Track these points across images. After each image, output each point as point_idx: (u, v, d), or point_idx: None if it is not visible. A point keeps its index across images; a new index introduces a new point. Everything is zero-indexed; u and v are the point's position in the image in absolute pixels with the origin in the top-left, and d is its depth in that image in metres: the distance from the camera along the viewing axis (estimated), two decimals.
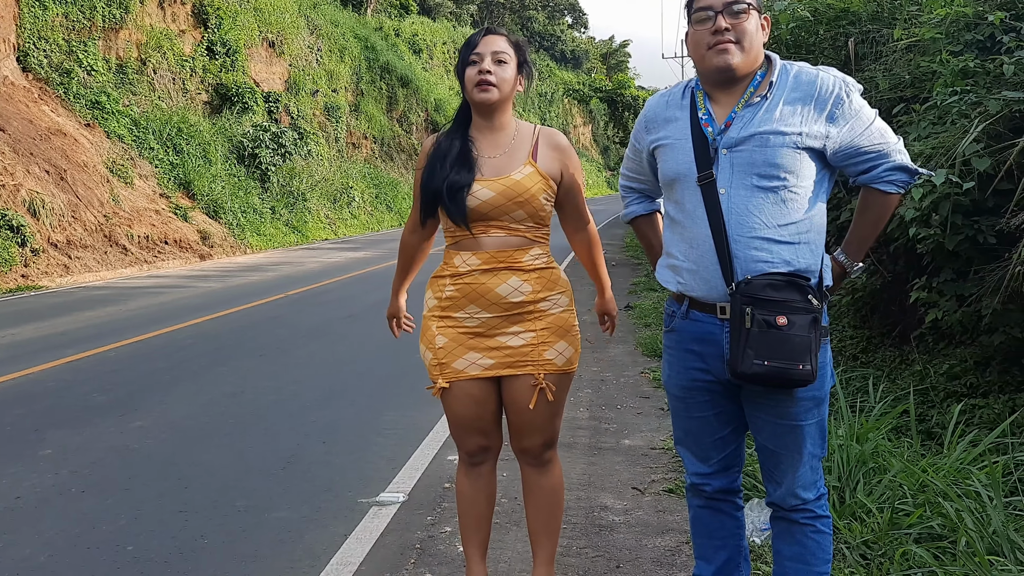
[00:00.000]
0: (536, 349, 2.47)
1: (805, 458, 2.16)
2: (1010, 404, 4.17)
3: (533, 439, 2.56)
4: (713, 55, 2.07)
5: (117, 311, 9.83)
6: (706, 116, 2.12)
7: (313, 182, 24.19)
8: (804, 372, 2.00)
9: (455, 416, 2.56)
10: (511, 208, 2.41)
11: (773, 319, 2.00)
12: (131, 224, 15.82)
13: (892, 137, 2.09)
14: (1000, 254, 4.11)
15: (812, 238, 2.09)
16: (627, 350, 7.33)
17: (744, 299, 2.03)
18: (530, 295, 2.46)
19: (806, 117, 2.05)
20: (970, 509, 2.87)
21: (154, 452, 4.52)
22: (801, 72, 2.10)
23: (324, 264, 15.74)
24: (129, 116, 18.04)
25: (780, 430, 2.15)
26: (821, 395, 2.15)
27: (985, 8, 4.82)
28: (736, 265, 2.06)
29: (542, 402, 2.49)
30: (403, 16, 43.04)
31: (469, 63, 2.42)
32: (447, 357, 2.49)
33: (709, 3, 2.07)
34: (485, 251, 2.44)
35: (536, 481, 2.63)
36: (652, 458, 4.36)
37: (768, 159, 2.04)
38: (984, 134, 4.09)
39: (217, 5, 21.99)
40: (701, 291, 2.14)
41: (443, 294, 2.50)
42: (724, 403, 2.22)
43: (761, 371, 2.00)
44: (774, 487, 2.23)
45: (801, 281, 2.04)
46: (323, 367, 6.71)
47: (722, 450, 2.27)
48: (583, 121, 67.38)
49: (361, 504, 3.73)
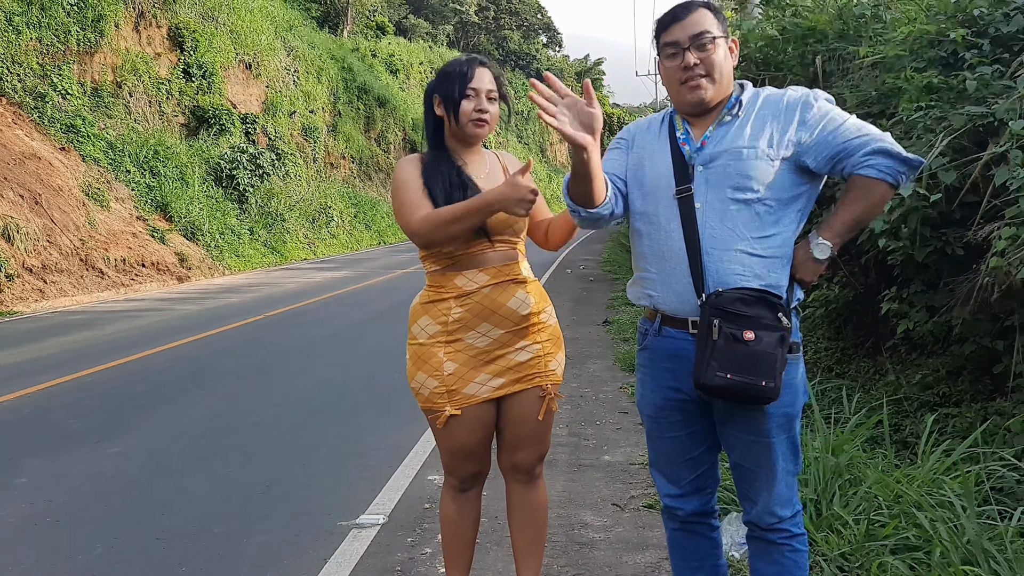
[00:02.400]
0: (542, 360, 2.53)
1: (779, 475, 2.16)
2: (982, 413, 4.23)
3: (529, 453, 2.59)
4: (686, 91, 2.12)
5: (93, 335, 9.73)
6: (684, 136, 2.18)
7: (291, 202, 24.14)
8: (767, 389, 2.01)
9: (458, 443, 2.52)
10: (512, 221, 2.48)
11: (740, 333, 2.00)
12: (107, 247, 15.69)
13: (873, 130, 2.07)
14: (968, 265, 4.19)
15: (786, 252, 2.10)
16: (605, 365, 7.36)
17: (713, 311, 2.04)
18: (534, 307, 2.52)
19: (776, 128, 2.09)
20: (944, 519, 2.90)
21: (131, 479, 4.48)
22: (770, 93, 2.17)
23: (303, 284, 15.68)
24: (105, 139, 17.93)
25: (752, 447, 2.16)
26: (792, 412, 2.16)
27: (947, 26, 4.92)
28: (708, 277, 2.08)
29: (546, 414, 2.55)
30: (379, 37, 43.20)
31: (465, 96, 2.45)
32: (457, 383, 2.46)
33: (675, 38, 2.11)
34: (492, 266, 2.47)
35: (525, 499, 2.65)
36: (631, 474, 4.38)
37: (740, 171, 2.07)
38: (949, 148, 4.17)
39: (193, 28, 21.97)
40: (672, 305, 2.15)
41: (449, 317, 2.46)
42: (697, 422, 2.23)
43: (723, 384, 2.01)
44: (750, 505, 2.23)
45: (772, 298, 2.05)
46: (302, 388, 6.68)
47: (694, 470, 2.27)
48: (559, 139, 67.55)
49: (341, 527, 3.72)
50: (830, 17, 6.42)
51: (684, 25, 2.11)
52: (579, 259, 20.07)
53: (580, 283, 14.82)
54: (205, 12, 23.08)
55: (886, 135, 2.06)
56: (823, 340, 6.37)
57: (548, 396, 2.53)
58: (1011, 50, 4.55)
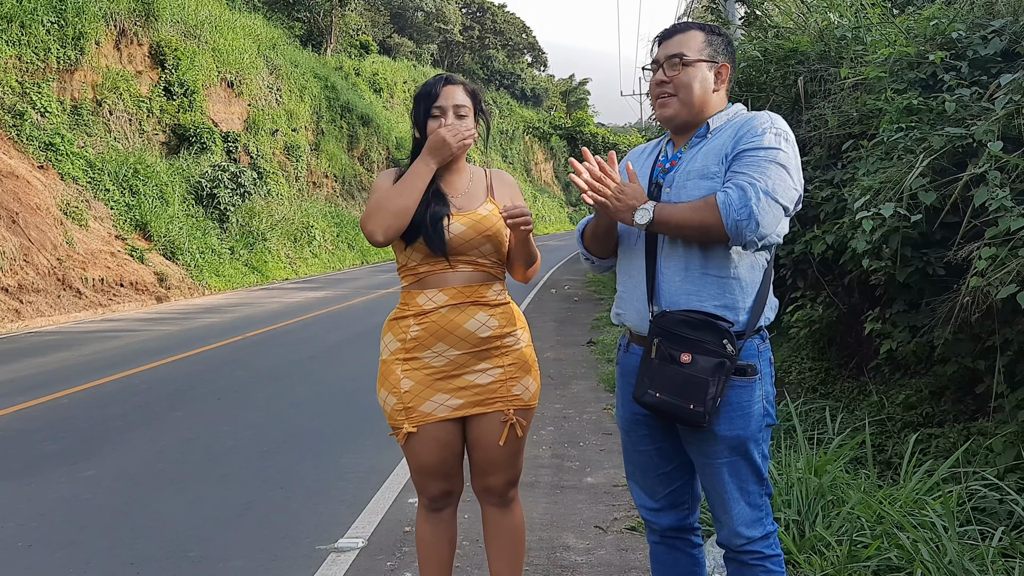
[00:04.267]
0: (504, 385, 2.49)
1: (733, 496, 2.15)
2: (964, 433, 4.23)
3: (498, 477, 2.55)
4: (656, 107, 2.22)
5: (70, 356, 9.60)
6: (664, 159, 2.24)
7: (273, 221, 24.01)
8: (695, 413, 2.02)
9: (420, 462, 2.53)
10: (480, 242, 2.47)
11: (677, 355, 2.04)
12: (85, 267, 15.53)
13: (766, 176, 1.99)
14: (949, 285, 4.20)
15: (742, 274, 2.09)
16: (589, 386, 7.33)
17: (655, 330, 2.09)
18: (497, 330, 2.49)
19: (725, 148, 2.10)
20: (926, 540, 2.89)
21: (105, 502, 4.39)
22: (739, 114, 2.20)
23: (284, 304, 15.57)
24: (84, 158, 17.79)
25: (705, 469, 2.18)
26: (744, 435, 2.11)
27: (926, 48, 4.97)
28: (660, 296, 2.12)
29: (511, 438, 2.50)
30: (363, 56, 43.28)
31: (431, 116, 2.48)
32: (413, 401, 2.47)
33: (657, 56, 2.21)
34: (452, 287, 2.47)
35: (499, 522, 2.62)
36: (614, 496, 4.33)
37: (689, 192, 2.10)
38: (929, 169, 4.19)
39: (175, 46, 21.91)
40: (633, 320, 2.21)
41: (407, 335, 2.48)
42: (664, 439, 2.25)
43: (653, 402, 2.08)
44: (719, 527, 2.23)
45: (722, 323, 2.04)
46: (282, 410, 6.59)
47: (667, 486, 2.29)
48: (544, 158, 68.00)
49: (319, 551, 3.65)
50: (811, 39, 6.48)
51: (668, 44, 2.19)
52: (564, 279, 20.07)
53: (564, 303, 14.80)
54: (187, 30, 23.04)
55: (769, 182, 1.98)
56: (807, 360, 6.37)
57: (509, 421, 2.48)
58: (989, 72, 4.60)
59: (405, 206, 2.41)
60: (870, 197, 4.43)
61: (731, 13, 10.67)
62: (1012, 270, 3.44)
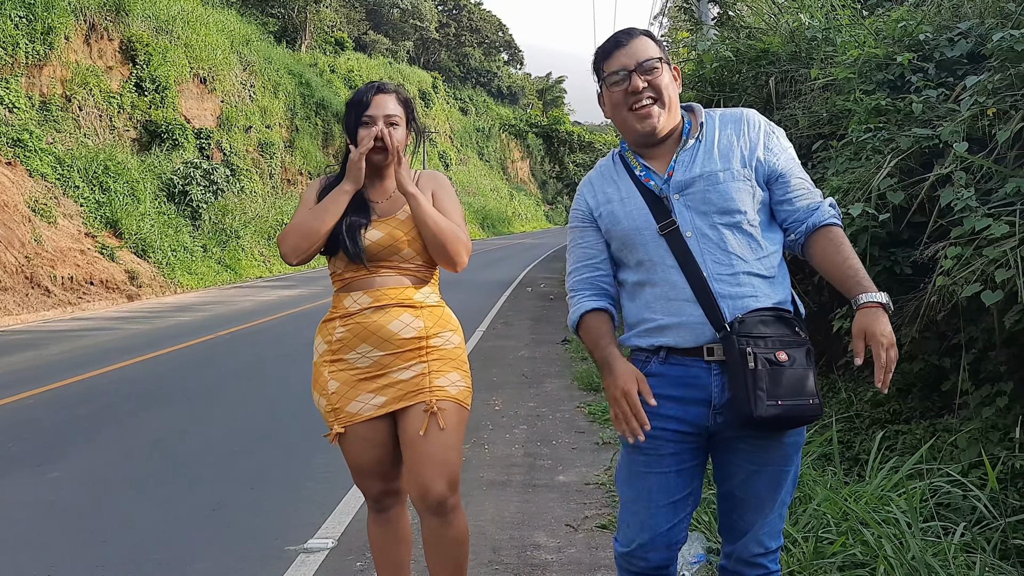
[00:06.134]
0: (427, 378, 2.46)
1: (778, 505, 2.08)
2: (930, 429, 4.29)
3: (432, 477, 2.42)
4: (635, 120, 2.06)
5: (37, 356, 9.45)
6: (644, 172, 2.09)
7: (247, 219, 23.81)
8: (815, 407, 1.95)
9: (354, 462, 2.55)
10: (399, 248, 2.48)
11: (774, 355, 1.92)
12: (54, 265, 15.30)
13: (806, 177, 2.11)
14: (916, 284, 4.25)
15: (782, 270, 2.06)
16: (563, 384, 7.34)
17: (742, 339, 1.93)
18: (421, 331, 2.47)
19: (744, 147, 2.06)
20: (889, 536, 2.92)
21: (71, 505, 4.32)
22: (724, 112, 2.14)
23: (257, 303, 15.44)
24: (53, 154, 17.51)
25: (756, 476, 2.05)
26: (802, 439, 2.09)
27: (894, 50, 5.03)
28: (723, 305, 1.97)
29: (435, 431, 2.43)
30: (338, 53, 43.06)
31: (362, 124, 2.48)
32: (340, 401, 2.48)
33: (622, 64, 2.05)
34: (376, 289, 2.47)
35: (439, 532, 2.48)
36: (586, 494, 4.34)
37: (723, 195, 2.01)
38: (897, 169, 4.25)
39: (146, 41, 21.64)
40: (683, 341, 2.01)
41: (333, 337, 2.50)
42: (689, 458, 2.06)
43: (777, 412, 1.90)
44: (735, 536, 2.11)
45: (785, 314, 1.99)
46: (253, 409, 6.54)
47: (673, 517, 2.06)
48: (521, 156, 68.08)
49: (288, 552, 3.62)
50: (783, 40, 6.53)
51: (628, 51, 2.05)
52: (539, 277, 20.10)
53: (540, 302, 14.82)
54: (159, 25, 22.76)
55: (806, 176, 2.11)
56: None
57: (430, 410, 2.42)
58: (955, 74, 4.66)
59: (317, 230, 2.45)
60: (839, 197, 4.47)
61: (704, 13, 10.73)
62: (976, 269, 3.49)
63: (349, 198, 2.47)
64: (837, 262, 2.00)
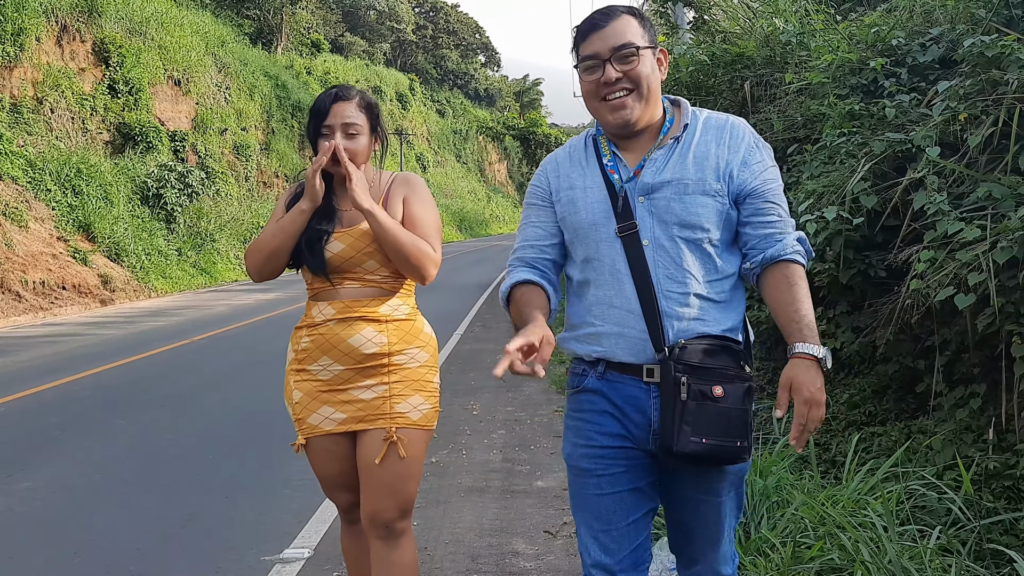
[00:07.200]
0: (388, 402, 2.39)
1: (725, 533, 1.99)
2: (906, 431, 4.32)
3: (384, 504, 2.38)
4: (607, 111, 1.89)
5: (7, 363, 9.30)
6: (611, 163, 1.93)
7: (222, 222, 23.60)
8: (742, 449, 1.81)
9: (320, 473, 2.53)
10: (361, 259, 2.39)
11: (709, 389, 1.79)
12: (25, 269, 15.08)
13: (784, 206, 1.95)
14: (890, 287, 4.29)
15: (737, 295, 1.92)
16: (541, 388, 7.33)
17: (678, 366, 1.80)
18: (384, 347, 2.39)
19: (721, 158, 1.89)
20: (866, 540, 2.93)
21: (42, 516, 4.25)
22: (711, 116, 1.97)
23: (233, 307, 15.31)
24: (24, 157, 17.26)
25: (700, 506, 1.96)
26: (748, 467, 1.99)
27: (868, 55, 5.08)
28: (667, 324, 1.83)
29: (393, 460, 2.36)
30: (315, 55, 42.85)
31: (321, 134, 2.39)
32: (303, 412, 2.46)
33: (595, 50, 1.87)
34: (340, 300, 2.41)
35: (386, 557, 2.41)
36: (565, 499, 4.33)
37: (687, 208, 1.85)
38: (871, 173, 4.28)
39: (119, 43, 21.39)
40: (626, 356, 1.87)
41: (299, 346, 2.47)
42: (642, 476, 1.93)
43: (699, 450, 1.78)
44: (688, 562, 2.05)
45: (733, 345, 1.86)
46: (228, 417, 6.47)
47: (633, 539, 1.92)
48: (498, 158, 68.11)
49: (264, 562, 3.58)
50: (758, 44, 6.58)
51: (604, 35, 1.87)
52: None
53: None
54: (132, 27, 22.52)
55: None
56: (755, 360, 6.45)
57: (390, 439, 2.36)
58: (927, 79, 4.71)
59: (275, 251, 2.40)
60: (814, 200, 4.50)
61: (680, 17, 10.77)
62: (949, 273, 3.52)
63: (307, 217, 2.38)
64: (785, 302, 1.85)
